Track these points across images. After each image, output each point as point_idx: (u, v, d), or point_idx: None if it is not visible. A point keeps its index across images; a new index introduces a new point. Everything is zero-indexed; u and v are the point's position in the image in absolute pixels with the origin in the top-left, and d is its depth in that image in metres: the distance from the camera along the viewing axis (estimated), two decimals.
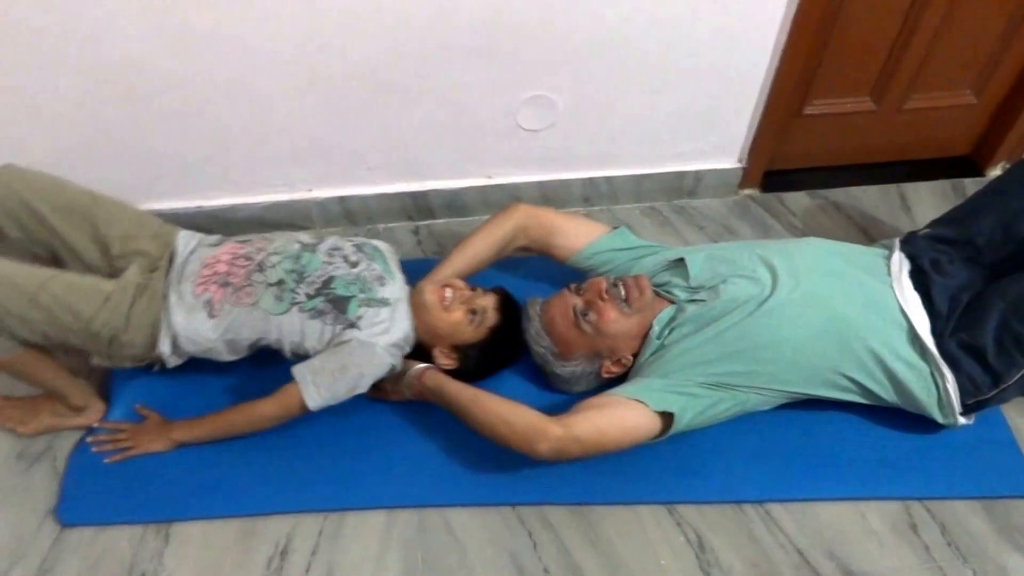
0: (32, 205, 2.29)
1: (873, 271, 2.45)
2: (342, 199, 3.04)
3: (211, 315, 2.31)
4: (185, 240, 2.46)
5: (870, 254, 2.55)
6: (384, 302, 2.37)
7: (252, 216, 3.01)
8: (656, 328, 2.40)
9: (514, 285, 2.66)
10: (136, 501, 2.31)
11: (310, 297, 2.32)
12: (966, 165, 3.52)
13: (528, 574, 2.24)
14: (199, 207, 2.95)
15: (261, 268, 2.34)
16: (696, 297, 2.41)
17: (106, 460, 2.38)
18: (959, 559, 2.30)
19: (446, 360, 2.46)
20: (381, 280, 2.42)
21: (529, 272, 2.91)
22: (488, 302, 2.44)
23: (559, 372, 2.48)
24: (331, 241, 2.46)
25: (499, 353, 2.53)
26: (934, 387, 2.35)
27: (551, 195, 3.15)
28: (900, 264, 2.48)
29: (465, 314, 2.40)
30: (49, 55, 2.43)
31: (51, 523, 2.28)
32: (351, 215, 3.10)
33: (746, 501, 2.40)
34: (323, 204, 3.04)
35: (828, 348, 2.32)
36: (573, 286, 2.46)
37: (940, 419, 2.40)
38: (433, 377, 2.38)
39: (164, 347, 2.31)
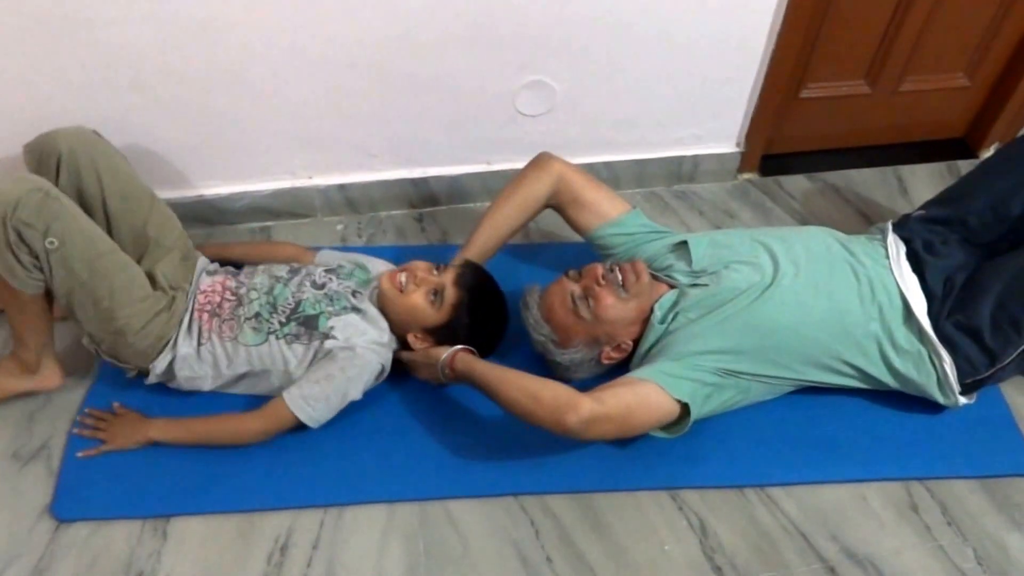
0: (102, 179, 2.25)
1: (872, 255, 2.41)
2: (343, 187, 2.97)
3: (200, 342, 2.31)
4: (200, 268, 2.47)
5: (867, 238, 2.51)
6: (355, 309, 2.35)
7: (254, 204, 2.95)
8: (658, 313, 2.33)
9: (513, 272, 2.65)
10: (133, 496, 2.23)
11: (283, 324, 2.31)
12: (960, 147, 3.50)
13: (531, 563, 2.17)
14: (200, 196, 2.88)
15: (241, 303, 2.34)
16: (698, 282, 2.36)
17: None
18: (959, 538, 2.26)
19: (420, 344, 2.38)
20: (355, 294, 2.39)
21: (528, 260, 2.89)
22: (446, 279, 2.34)
23: (559, 360, 2.40)
24: (305, 271, 2.44)
25: (477, 327, 2.40)
26: (933, 369, 2.32)
27: None
28: (897, 247, 2.43)
29: (424, 296, 2.31)
30: (50, 44, 2.37)
31: (47, 522, 2.19)
32: (353, 203, 3.03)
33: (748, 485, 2.35)
34: (325, 192, 2.97)
35: (829, 334, 2.28)
36: (572, 273, 2.39)
37: (941, 400, 2.37)
38: (463, 359, 2.29)
39: (162, 363, 2.30)
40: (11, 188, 1.97)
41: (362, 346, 2.26)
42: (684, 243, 2.45)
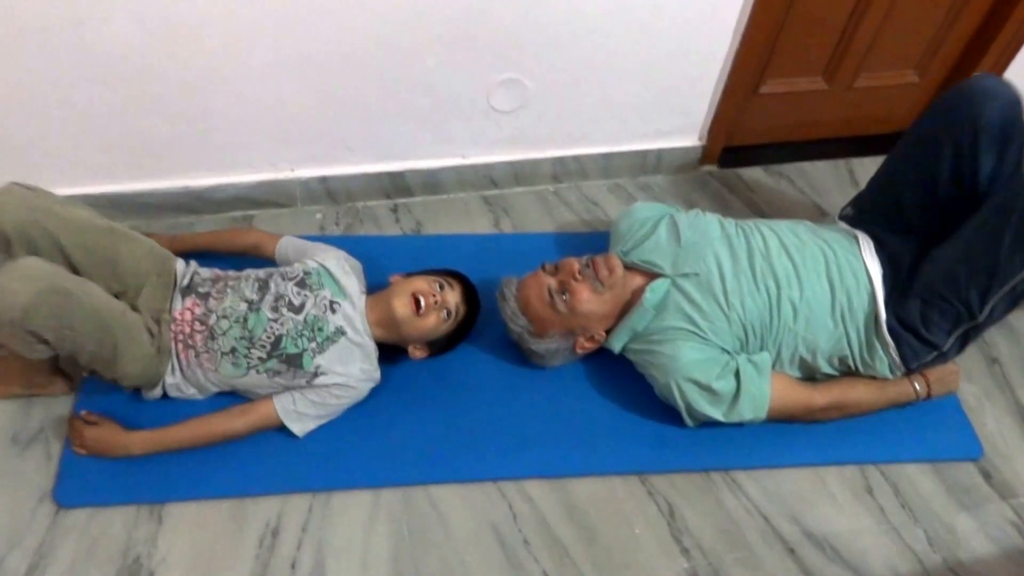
0: (60, 242, 2.13)
1: (842, 243, 2.43)
2: (323, 179, 2.96)
3: (182, 372, 2.30)
4: (173, 281, 2.39)
5: (835, 230, 2.53)
6: (339, 333, 2.30)
7: (237, 195, 2.93)
8: (648, 295, 2.33)
9: (485, 262, 2.66)
10: (130, 483, 2.23)
11: (263, 360, 2.25)
12: None
13: (509, 545, 2.20)
14: (185, 187, 2.86)
15: (213, 335, 2.26)
16: (686, 271, 2.38)
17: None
18: (911, 519, 2.32)
19: (419, 352, 2.40)
20: (332, 307, 2.33)
21: (502, 252, 2.89)
22: (456, 297, 2.37)
23: (535, 348, 2.42)
24: (275, 289, 2.34)
25: (463, 333, 2.47)
26: (884, 354, 2.35)
27: (522, 174, 3.12)
28: (865, 239, 2.45)
29: (438, 316, 2.32)
30: (34, 40, 2.34)
31: (47, 507, 2.19)
32: (332, 194, 3.02)
33: (713, 469, 2.38)
34: (305, 183, 2.96)
35: (805, 317, 2.33)
36: (548, 266, 2.40)
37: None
38: None
39: (156, 392, 2.31)
40: (19, 290, 1.87)
41: (356, 378, 2.28)
42: (676, 232, 2.48)
